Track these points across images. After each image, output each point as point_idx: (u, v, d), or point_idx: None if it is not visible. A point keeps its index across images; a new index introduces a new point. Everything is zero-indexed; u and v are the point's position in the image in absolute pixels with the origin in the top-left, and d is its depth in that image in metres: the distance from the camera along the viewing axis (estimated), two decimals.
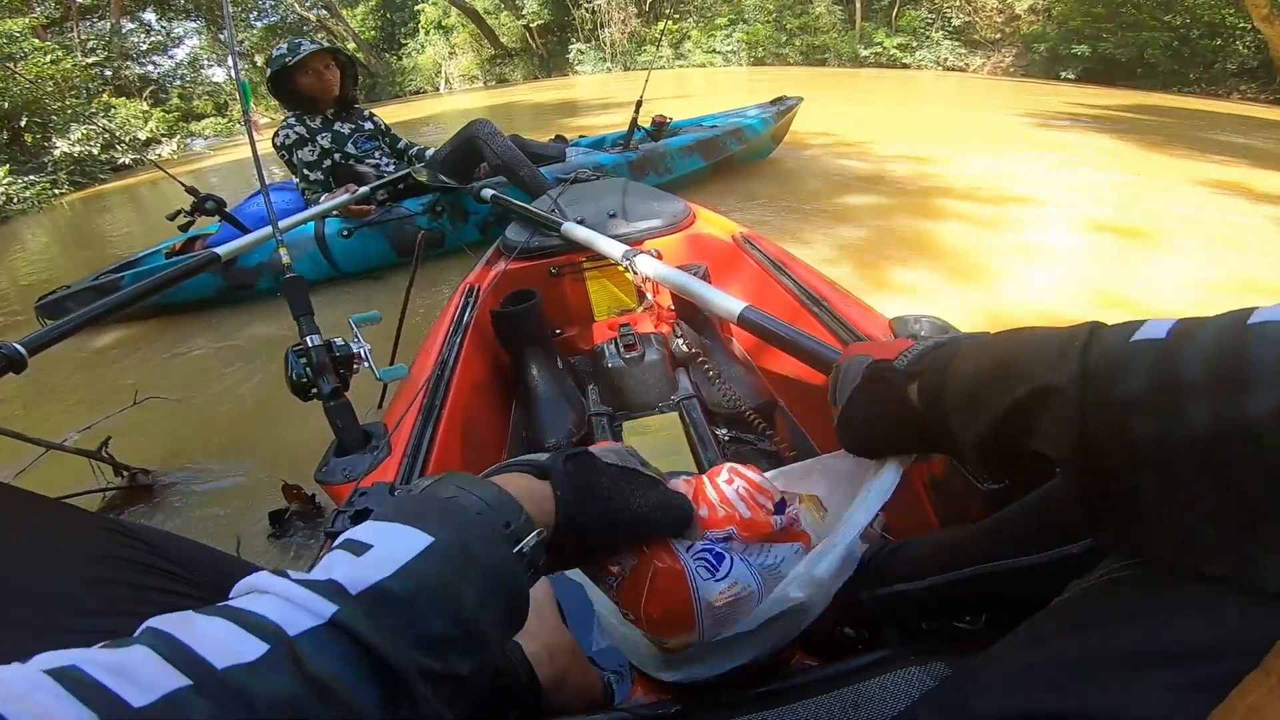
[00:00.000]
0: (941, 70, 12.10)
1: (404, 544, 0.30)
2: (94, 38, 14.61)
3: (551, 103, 10.27)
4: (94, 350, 2.55)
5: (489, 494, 0.36)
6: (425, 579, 0.29)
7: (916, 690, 0.49)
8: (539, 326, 1.22)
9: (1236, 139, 4.91)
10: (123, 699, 0.20)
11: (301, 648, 0.25)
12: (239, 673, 0.23)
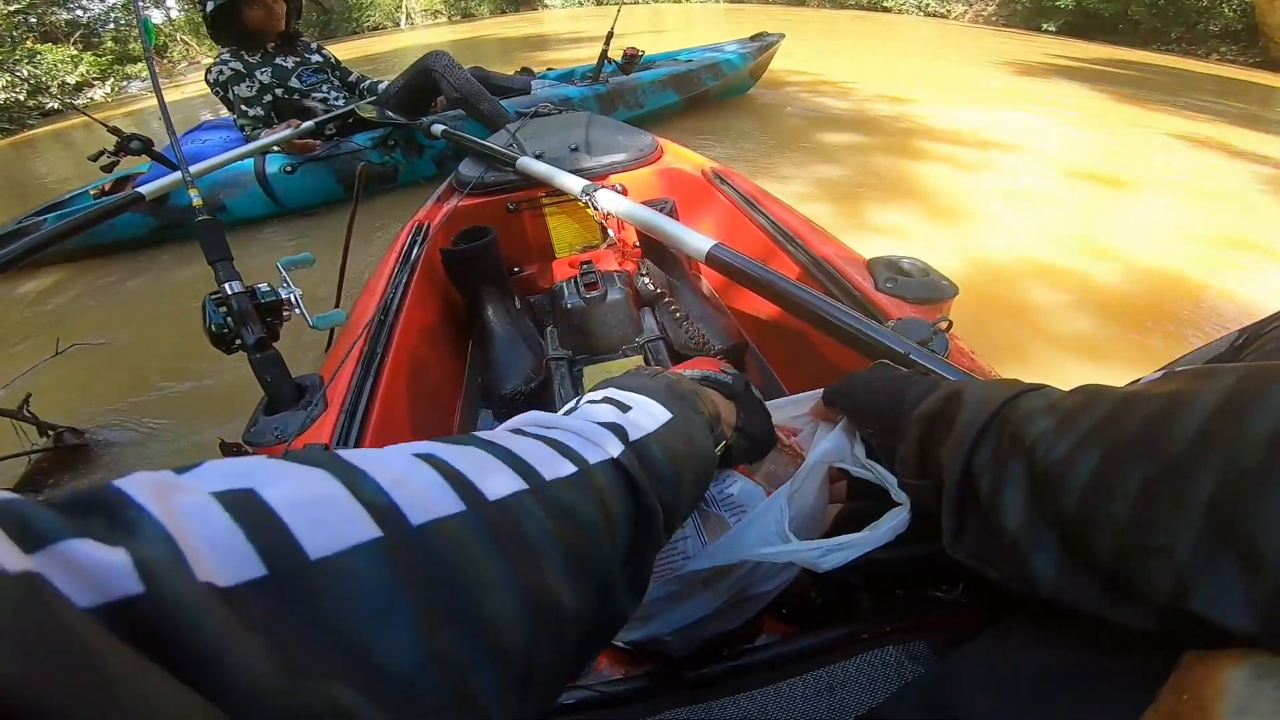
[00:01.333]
0: (923, 15, 11.82)
1: (655, 412, 0.35)
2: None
3: (519, 37, 9.77)
4: (13, 299, 2.37)
5: (703, 397, 0.41)
6: (668, 447, 0.33)
7: (894, 673, 0.46)
8: (495, 264, 1.13)
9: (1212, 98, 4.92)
10: (481, 491, 0.22)
11: (600, 479, 0.28)
12: (560, 487, 0.25)
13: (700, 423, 0.38)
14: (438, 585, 0.18)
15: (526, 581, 0.21)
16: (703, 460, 0.37)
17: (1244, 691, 0.19)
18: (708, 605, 0.46)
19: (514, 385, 1.02)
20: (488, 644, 0.19)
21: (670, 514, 0.32)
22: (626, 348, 1.12)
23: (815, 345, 0.98)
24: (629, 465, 0.29)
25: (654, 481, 0.31)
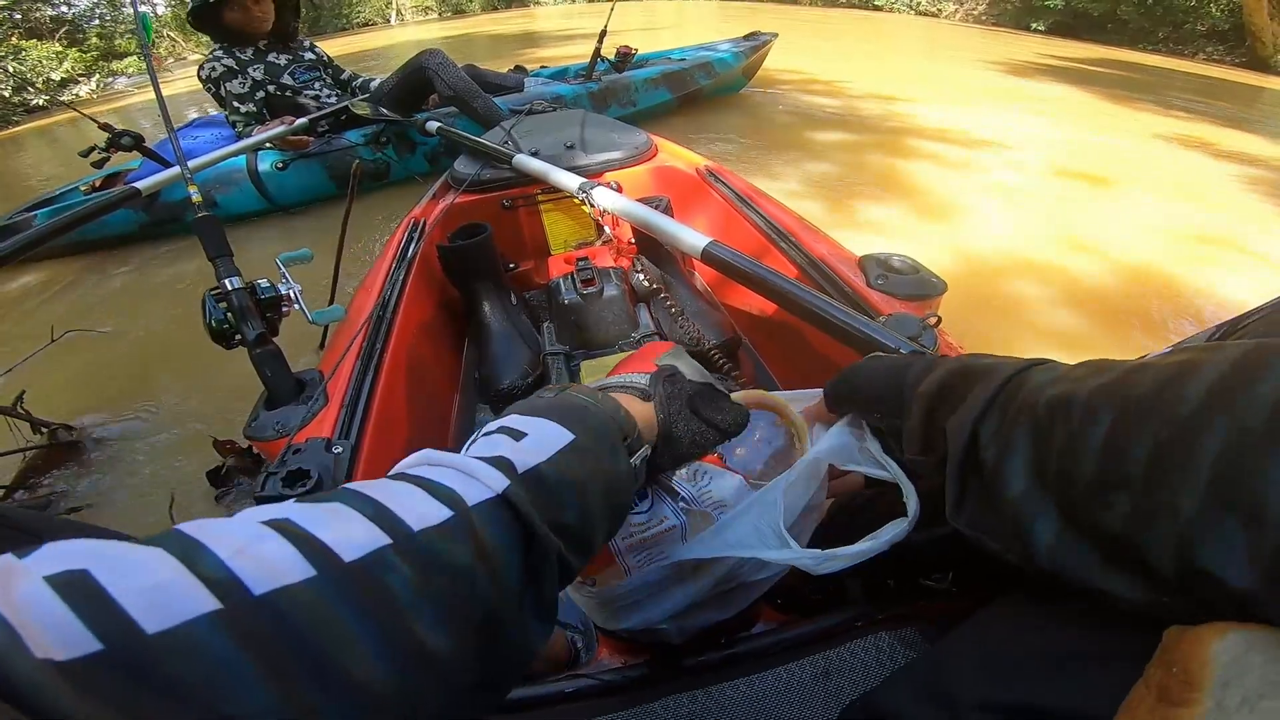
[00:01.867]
0: (914, 14, 11.88)
1: (552, 436, 0.33)
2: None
3: (511, 34, 9.73)
4: (10, 293, 2.35)
5: (613, 408, 0.38)
6: (568, 471, 0.31)
7: (887, 658, 0.48)
8: (491, 261, 1.14)
9: (1197, 97, 4.98)
10: (336, 553, 0.21)
11: (478, 519, 0.27)
12: (430, 535, 0.24)
13: (608, 438, 0.35)
14: (289, 650, 0.18)
15: (393, 637, 0.21)
16: (614, 478, 0.34)
17: (1231, 663, 0.20)
18: (700, 591, 0.47)
19: (511, 380, 1.03)
20: (357, 700, 0.19)
21: (578, 538, 0.31)
22: (622, 342, 1.13)
23: (807, 340, 0.99)
24: (515, 498, 0.28)
25: (551, 510, 0.30)
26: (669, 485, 0.50)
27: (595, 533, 0.33)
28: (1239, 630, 0.21)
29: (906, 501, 0.43)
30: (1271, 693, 0.19)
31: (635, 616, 0.48)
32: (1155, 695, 0.21)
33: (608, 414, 0.37)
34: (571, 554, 0.31)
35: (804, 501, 0.46)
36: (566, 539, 0.30)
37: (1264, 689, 0.19)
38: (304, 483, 0.60)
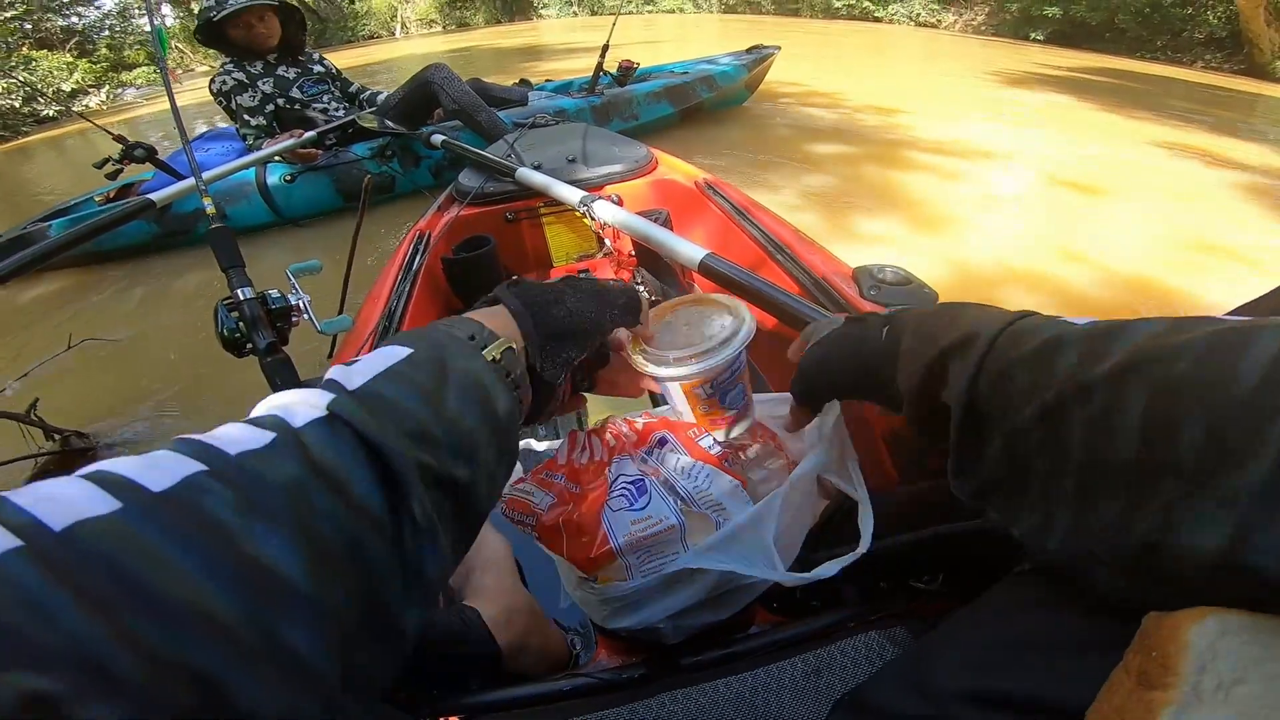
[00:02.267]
0: (914, 25, 11.96)
1: (385, 354, 0.32)
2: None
3: (515, 47, 9.84)
4: (25, 302, 2.40)
5: (451, 321, 0.37)
6: (408, 380, 0.30)
7: (877, 656, 0.49)
8: (494, 273, 1.17)
9: (1195, 105, 5.00)
10: (144, 485, 0.21)
11: (306, 436, 0.25)
12: (250, 458, 0.24)
13: (451, 343, 0.33)
14: (102, 578, 0.18)
15: (218, 556, 0.20)
16: (468, 376, 0.32)
17: (1207, 648, 0.20)
18: (697, 594, 0.49)
19: None
20: (196, 624, 0.19)
21: (450, 444, 0.29)
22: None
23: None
24: (343, 411, 0.27)
25: (397, 418, 0.28)
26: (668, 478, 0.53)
27: (471, 439, 0.30)
28: (1216, 615, 0.21)
29: (862, 529, 0.47)
30: (1245, 677, 0.20)
31: (634, 616, 0.50)
32: (1134, 679, 0.21)
33: (445, 326, 0.36)
34: (453, 462, 0.29)
35: (794, 514, 0.50)
36: (431, 446, 0.28)
37: (1239, 673, 0.20)
38: None
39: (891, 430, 0.82)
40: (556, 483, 0.55)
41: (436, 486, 0.28)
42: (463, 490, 0.30)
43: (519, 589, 0.67)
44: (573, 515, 0.49)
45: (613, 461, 0.55)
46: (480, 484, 0.31)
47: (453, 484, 0.29)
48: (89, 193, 2.75)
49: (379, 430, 0.26)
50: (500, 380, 0.34)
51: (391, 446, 0.26)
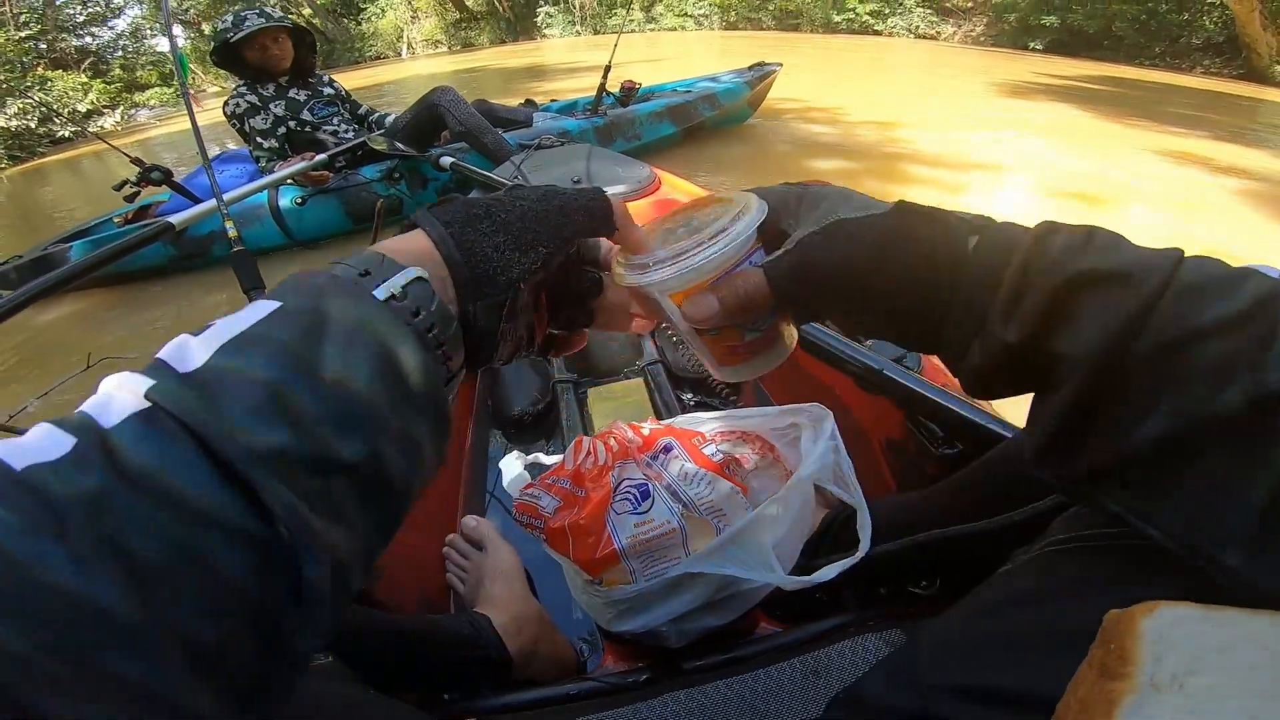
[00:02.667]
0: (913, 37, 12.07)
1: (247, 315, 0.24)
2: (26, 11, 13.79)
3: (519, 67, 9.99)
4: (43, 324, 2.45)
5: (343, 259, 0.28)
6: (266, 342, 0.23)
7: (873, 657, 0.52)
8: None
9: (1195, 112, 5.02)
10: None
11: (115, 438, 0.20)
12: (38, 471, 0.19)
13: (340, 285, 0.26)
14: None
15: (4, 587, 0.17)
16: (360, 327, 0.25)
17: (1159, 640, 0.21)
18: (698, 598, 0.52)
19: (521, 407, 1.09)
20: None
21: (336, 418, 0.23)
22: (628, 370, 1.19)
23: (802, 365, 1.04)
24: (168, 399, 0.21)
25: (239, 397, 0.21)
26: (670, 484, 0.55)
27: (365, 404, 0.24)
28: (1167, 607, 0.21)
29: (860, 533, 0.49)
30: (1199, 668, 0.20)
31: (638, 619, 0.53)
32: (1096, 672, 0.22)
33: (330, 269, 0.28)
34: (337, 438, 0.22)
35: (791, 521, 0.52)
36: (297, 423, 0.22)
37: (1192, 664, 0.20)
38: None
39: (888, 438, 0.85)
40: (562, 487, 0.58)
41: (312, 472, 0.22)
42: (361, 470, 0.23)
43: (528, 598, 0.70)
44: (578, 518, 0.52)
45: (616, 466, 0.58)
46: (390, 458, 0.24)
47: (340, 465, 0.23)
48: (107, 214, 2.81)
49: (207, 415, 0.21)
50: (402, 324, 0.26)
51: (220, 434, 0.20)
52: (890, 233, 0.31)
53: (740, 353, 0.37)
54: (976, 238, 0.30)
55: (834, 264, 0.31)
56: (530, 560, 0.77)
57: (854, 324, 0.35)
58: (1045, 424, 0.28)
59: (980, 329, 0.29)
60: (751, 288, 0.33)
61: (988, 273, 0.29)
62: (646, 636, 0.56)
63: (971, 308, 0.29)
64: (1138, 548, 0.29)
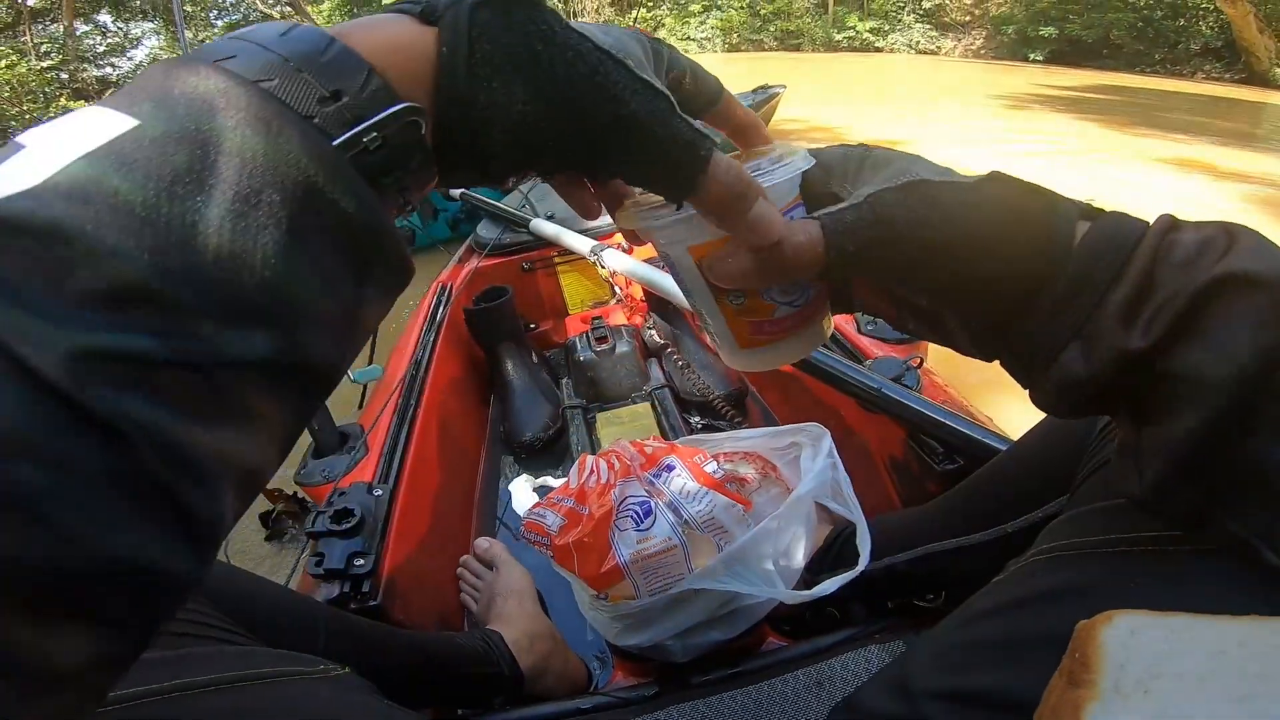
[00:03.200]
0: (914, 53, 12.19)
1: (78, 139, 0.16)
2: (47, 41, 14.18)
3: None
4: None
5: (305, 46, 0.19)
6: (96, 193, 0.15)
7: (875, 668, 0.54)
8: (512, 322, 1.24)
9: (1197, 118, 5.02)
10: None
11: None
12: None
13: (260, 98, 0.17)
14: None
15: None
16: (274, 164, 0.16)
17: (1119, 648, 0.22)
18: (701, 612, 0.54)
19: (533, 433, 1.12)
20: None
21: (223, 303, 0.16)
22: (636, 395, 1.22)
23: (806, 386, 1.07)
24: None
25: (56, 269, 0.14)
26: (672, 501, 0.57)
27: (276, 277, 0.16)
28: (1125, 615, 0.22)
29: (860, 547, 0.51)
30: (1161, 672, 0.21)
31: (644, 633, 0.55)
32: (1064, 680, 0.22)
33: (268, 61, 0.18)
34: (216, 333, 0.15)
35: (792, 537, 0.55)
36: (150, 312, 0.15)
37: (1155, 669, 0.21)
38: (349, 520, 0.67)
39: (891, 456, 0.86)
40: (566, 506, 0.61)
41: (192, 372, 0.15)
42: (270, 365, 0.17)
43: (539, 615, 0.73)
44: (582, 535, 0.55)
45: (618, 484, 0.60)
46: (316, 345, 0.18)
47: (235, 363, 0.16)
48: None
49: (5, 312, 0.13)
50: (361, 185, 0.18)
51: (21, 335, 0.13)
52: (983, 200, 0.26)
53: (768, 332, 0.30)
54: (1087, 224, 0.25)
55: (911, 222, 0.25)
56: (543, 580, 0.79)
57: (909, 307, 0.29)
58: (1170, 452, 0.23)
59: (1079, 331, 0.24)
60: (800, 241, 0.26)
61: (1101, 266, 0.24)
62: (654, 651, 0.58)
63: (1075, 303, 0.24)
64: (1114, 556, 0.30)
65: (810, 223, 0.26)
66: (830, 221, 0.26)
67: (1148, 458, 0.24)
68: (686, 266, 0.28)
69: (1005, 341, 0.27)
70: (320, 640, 0.50)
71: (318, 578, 0.63)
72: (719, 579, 0.51)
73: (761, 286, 0.28)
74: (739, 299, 0.29)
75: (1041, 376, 0.26)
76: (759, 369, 0.33)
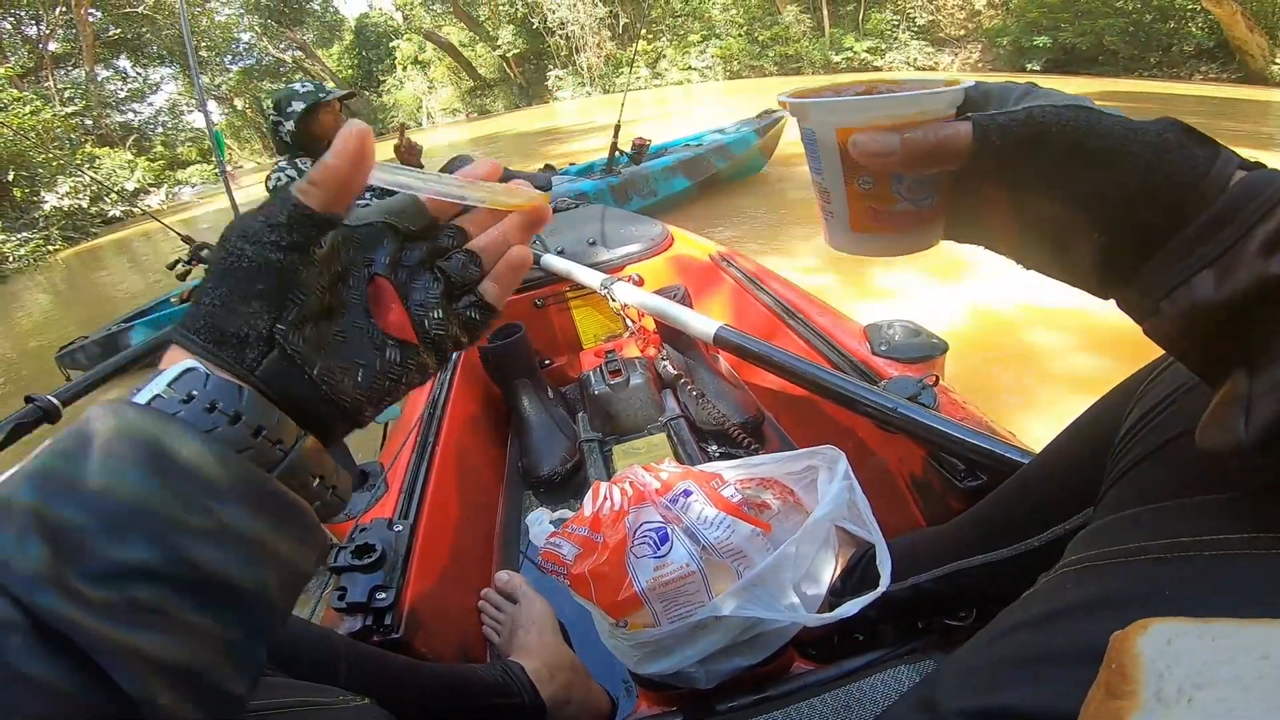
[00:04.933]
0: (913, 70, 12.31)
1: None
2: (69, 87, 14.62)
3: (535, 131, 10.39)
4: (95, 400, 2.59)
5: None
6: (33, 472, 0.21)
7: (906, 689, 0.53)
8: (526, 359, 1.26)
9: (1206, 121, 5.00)
10: None
11: None
12: None
13: (109, 407, 0.22)
14: None
15: None
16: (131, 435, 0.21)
17: (1157, 656, 0.21)
18: (724, 638, 0.54)
19: (550, 468, 1.13)
20: None
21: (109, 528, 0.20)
22: (651, 427, 1.22)
23: (822, 410, 1.06)
24: None
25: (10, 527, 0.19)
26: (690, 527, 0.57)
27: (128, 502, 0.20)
28: (1160, 624, 0.22)
29: (880, 568, 0.51)
30: (1204, 682, 0.20)
31: (665, 661, 0.55)
32: (1103, 692, 0.22)
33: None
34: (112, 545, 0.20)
35: (811, 560, 0.54)
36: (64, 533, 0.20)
37: (1197, 677, 0.20)
38: (370, 554, 0.69)
39: (912, 475, 0.86)
40: (580, 534, 0.61)
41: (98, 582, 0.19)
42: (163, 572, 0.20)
43: (561, 645, 0.73)
44: (598, 563, 0.55)
45: (632, 510, 0.60)
46: (204, 555, 0.21)
47: (128, 569, 0.20)
48: (164, 295, 2.99)
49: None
50: (168, 416, 0.22)
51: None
52: (1148, 129, 0.25)
53: (884, 222, 0.32)
54: (1245, 174, 0.24)
55: (1066, 130, 0.26)
56: (566, 611, 0.79)
57: (1037, 222, 0.29)
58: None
59: (1219, 259, 0.23)
60: (949, 134, 0.27)
61: (1253, 203, 0.23)
62: (677, 679, 0.57)
63: (1220, 232, 0.23)
64: (1146, 564, 0.29)
65: (963, 121, 0.27)
66: (983, 118, 0.27)
67: (1262, 400, 0.23)
68: (828, 143, 0.29)
69: (1135, 265, 0.26)
70: (340, 672, 0.51)
71: (341, 611, 0.64)
72: (739, 605, 0.51)
73: (902, 169, 0.29)
74: (868, 183, 0.30)
75: (1168, 302, 0.25)
76: (861, 253, 0.34)
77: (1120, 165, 0.25)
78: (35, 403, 0.92)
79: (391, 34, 20.77)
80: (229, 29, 18.44)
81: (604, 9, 16.74)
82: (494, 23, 18.30)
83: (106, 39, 15.48)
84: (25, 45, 13.96)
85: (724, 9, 15.39)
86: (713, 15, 15.64)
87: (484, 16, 18.47)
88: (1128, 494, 0.35)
